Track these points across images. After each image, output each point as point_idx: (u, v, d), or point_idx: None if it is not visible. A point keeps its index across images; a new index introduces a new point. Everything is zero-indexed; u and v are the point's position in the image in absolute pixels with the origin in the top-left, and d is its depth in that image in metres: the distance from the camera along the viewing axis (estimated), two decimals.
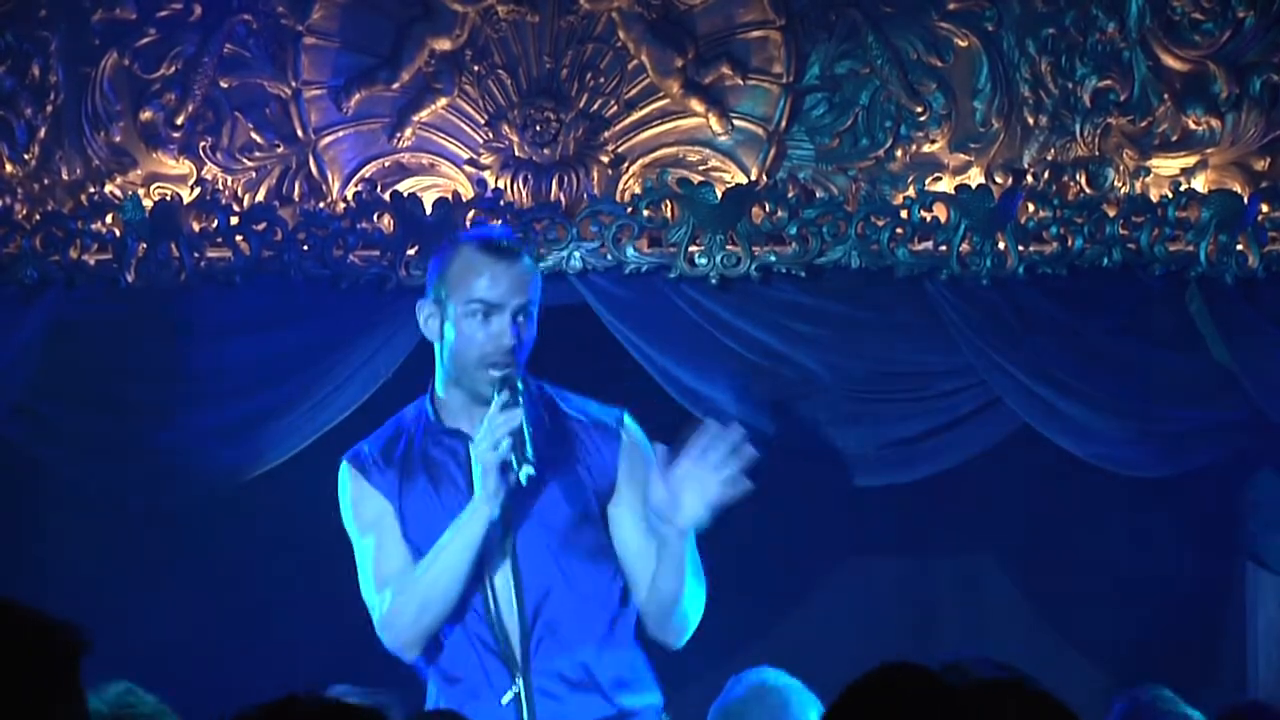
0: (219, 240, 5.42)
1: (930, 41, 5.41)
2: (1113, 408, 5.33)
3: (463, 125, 5.47)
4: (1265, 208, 5.34)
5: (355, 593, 5.61)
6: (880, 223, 5.36)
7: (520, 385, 4.12)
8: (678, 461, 4.09)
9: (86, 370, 5.45)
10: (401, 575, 4.18)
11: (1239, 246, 5.32)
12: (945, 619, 5.80)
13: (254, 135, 5.47)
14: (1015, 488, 5.69)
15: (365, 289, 5.41)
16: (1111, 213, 5.35)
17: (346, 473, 4.31)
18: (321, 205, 5.44)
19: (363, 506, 4.28)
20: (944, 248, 5.35)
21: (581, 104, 5.44)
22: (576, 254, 5.36)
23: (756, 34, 5.43)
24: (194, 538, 5.63)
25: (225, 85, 5.48)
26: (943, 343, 5.37)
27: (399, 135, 5.45)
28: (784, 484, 5.32)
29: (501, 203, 5.39)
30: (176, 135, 5.47)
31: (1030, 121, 5.40)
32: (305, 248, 5.40)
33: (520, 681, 4.12)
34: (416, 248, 5.37)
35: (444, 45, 5.44)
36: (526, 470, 4.04)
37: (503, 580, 4.15)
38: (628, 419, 4.32)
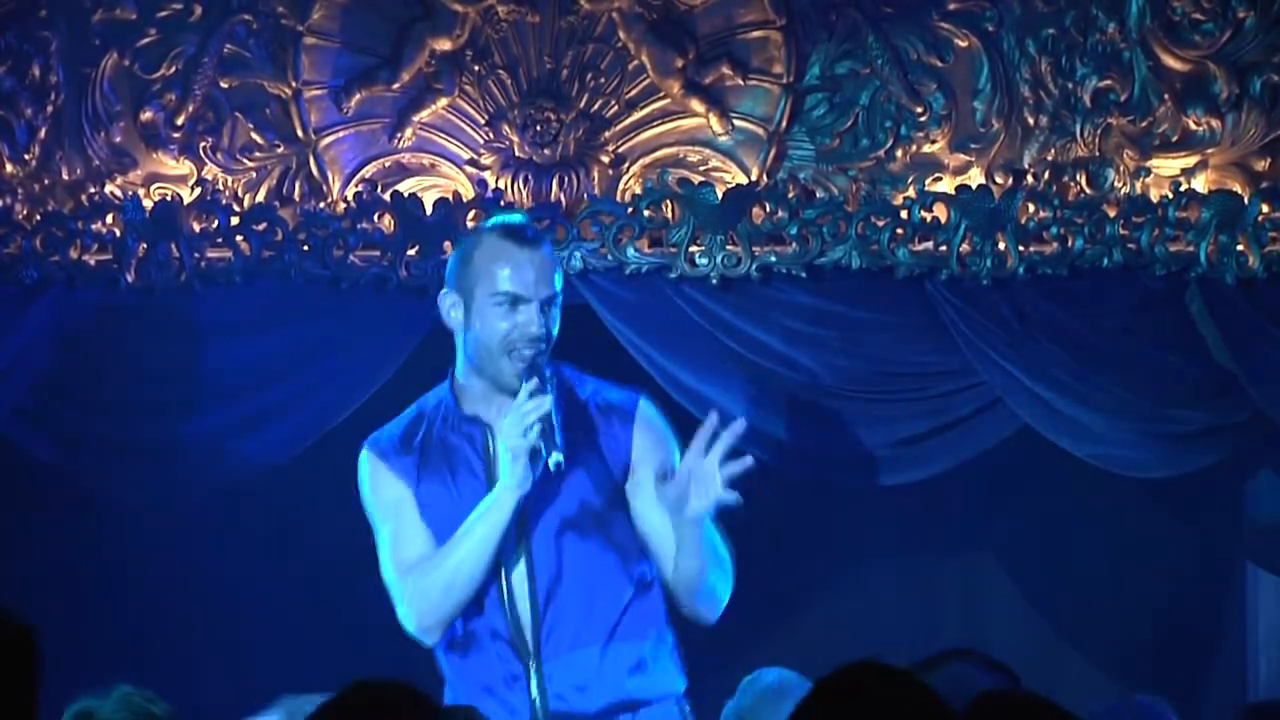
0: (219, 240, 5.42)
1: (930, 42, 5.41)
2: (1113, 408, 5.33)
3: (463, 125, 5.47)
4: (1265, 208, 5.34)
5: (357, 592, 5.62)
6: (880, 223, 5.36)
7: (548, 373, 4.11)
8: (684, 456, 4.10)
9: (86, 370, 5.45)
10: (423, 561, 4.16)
11: (1239, 247, 5.32)
12: (945, 619, 5.79)
13: (254, 135, 5.48)
14: (1015, 488, 5.69)
15: (365, 289, 5.41)
16: (1112, 213, 5.35)
17: (366, 458, 4.28)
18: (322, 205, 5.44)
19: (382, 492, 4.25)
20: (944, 248, 5.35)
21: (582, 104, 5.44)
22: (577, 254, 5.37)
23: (757, 34, 5.43)
24: (195, 538, 5.62)
25: (225, 85, 5.48)
26: (943, 343, 5.37)
27: (399, 135, 5.46)
28: (784, 484, 5.33)
29: (502, 203, 5.39)
30: (177, 135, 5.47)
31: (1030, 122, 5.40)
32: (305, 248, 5.40)
33: (533, 669, 4.12)
34: (417, 248, 5.38)
35: (444, 45, 5.44)
36: (556, 457, 4.02)
37: (518, 569, 4.15)
38: (643, 402, 4.28)
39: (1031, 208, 5.36)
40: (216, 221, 5.42)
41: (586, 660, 4.15)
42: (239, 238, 5.41)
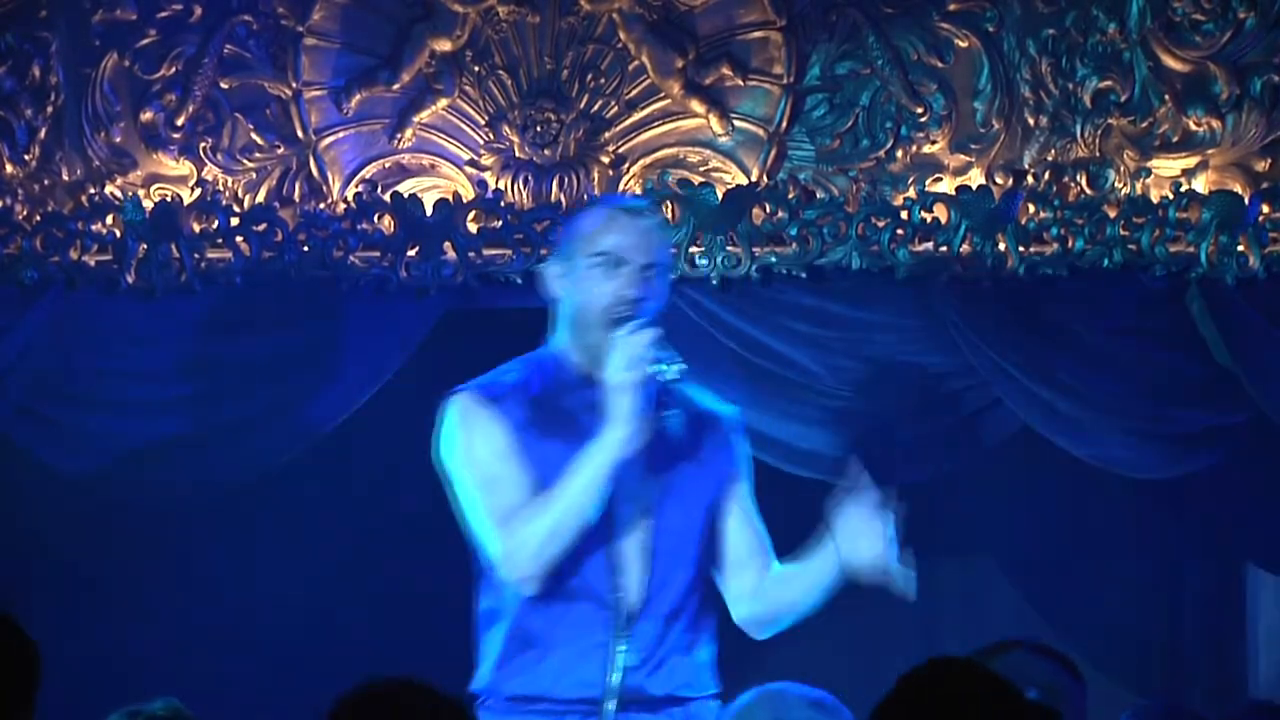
0: (219, 241, 5.42)
1: (931, 42, 5.41)
2: (1113, 409, 5.33)
3: (463, 126, 5.47)
4: (1266, 208, 5.34)
5: (360, 591, 5.63)
6: (881, 224, 5.36)
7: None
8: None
9: (87, 370, 5.45)
10: (524, 507, 3.95)
11: (1240, 247, 5.32)
12: (945, 619, 5.79)
13: (254, 136, 5.48)
14: (1015, 488, 5.69)
15: (365, 290, 5.41)
16: (1112, 214, 5.35)
17: (463, 402, 4.03)
18: (322, 206, 5.44)
19: (479, 437, 4.01)
20: (945, 249, 5.35)
21: (582, 105, 5.45)
22: None
23: (757, 34, 5.44)
24: (195, 539, 5.62)
25: (226, 86, 5.48)
26: (943, 344, 5.37)
27: (399, 136, 5.46)
28: (784, 485, 5.33)
29: (502, 204, 5.39)
30: (177, 136, 5.47)
31: (1031, 122, 5.40)
32: (305, 249, 5.40)
33: (618, 642, 4.00)
34: (417, 249, 5.38)
35: (444, 46, 5.44)
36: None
37: (636, 541, 3.99)
38: (738, 412, 4.21)
39: (1032, 208, 5.36)
40: (216, 222, 5.42)
41: (661, 641, 4.05)
42: (239, 238, 5.41)
